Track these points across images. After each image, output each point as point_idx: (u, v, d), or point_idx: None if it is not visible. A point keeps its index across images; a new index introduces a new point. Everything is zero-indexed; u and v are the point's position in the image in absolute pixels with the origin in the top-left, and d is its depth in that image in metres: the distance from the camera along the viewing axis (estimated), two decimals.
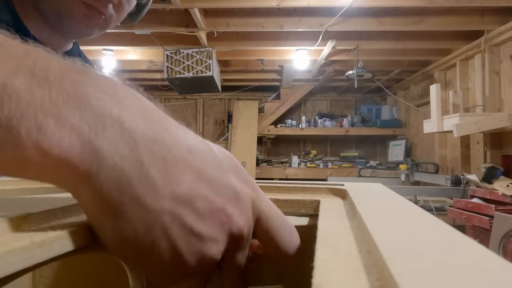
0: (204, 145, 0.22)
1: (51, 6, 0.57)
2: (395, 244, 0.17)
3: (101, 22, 0.59)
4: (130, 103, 0.19)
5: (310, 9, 2.74)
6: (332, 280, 0.14)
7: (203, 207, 0.19)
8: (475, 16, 2.74)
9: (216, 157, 0.21)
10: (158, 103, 0.23)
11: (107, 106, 0.18)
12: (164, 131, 0.20)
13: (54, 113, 0.17)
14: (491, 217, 2.01)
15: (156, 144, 0.19)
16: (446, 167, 3.55)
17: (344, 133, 4.84)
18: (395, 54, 3.60)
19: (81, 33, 0.61)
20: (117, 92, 0.19)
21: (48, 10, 0.57)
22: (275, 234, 0.23)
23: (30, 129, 0.17)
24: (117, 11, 0.60)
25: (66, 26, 0.59)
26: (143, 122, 0.19)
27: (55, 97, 0.17)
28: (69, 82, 0.18)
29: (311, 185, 0.41)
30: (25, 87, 0.17)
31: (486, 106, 2.85)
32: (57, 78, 0.18)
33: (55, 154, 0.17)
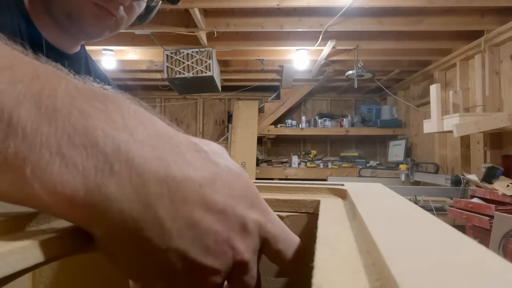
0: (216, 168, 0.21)
1: (61, 7, 0.56)
2: (395, 244, 0.17)
3: (112, 23, 0.59)
4: (140, 133, 0.19)
5: (310, 9, 2.74)
6: (332, 280, 0.14)
7: (209, 241, 0.19)
8: (475, 16, 2.74)
9: (228, 182, 0.21)
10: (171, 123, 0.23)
11: (115, 142, 0.18)
12: (175, 164, 0.19)
13: (60, 153, 0.17)
14: (491, 217, 2.01)
15: (165, 184, 0.18)
16: (446, 167, 3.55)
17: (344, 133, 4.84)
18: (395, 54, 3.60)
19: (92, 35, 0.61)
20: (127, 123, 0.18)
21: (59, 12, 0.57)
22: (283, 254, 0.23)
23: (35, 168, 0.16)
24: (128, 13, 0.59)
25: (77, 27, 0.58)
26: (153, 155, 0.18)
27: (61, 134, 0.17)
28: (76, 115, 0.17)
29: (311, 185, 0.41)
30: (31, 120, 0.16)
31: (486, 106, 2.85)
32: (65, 108, 0.17)
33: (61, 195, 0.17)
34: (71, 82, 0.18)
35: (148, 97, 5.47)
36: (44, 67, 0.18)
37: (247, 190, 0.22)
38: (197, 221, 0.19)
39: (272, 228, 0.23)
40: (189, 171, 0.19)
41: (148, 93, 5.39)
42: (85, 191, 0.17)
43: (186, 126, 5.53)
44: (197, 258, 0.19)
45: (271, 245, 0.23)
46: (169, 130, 0.21)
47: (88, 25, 0.58)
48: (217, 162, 0.21)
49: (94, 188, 0.17)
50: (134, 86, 4.96)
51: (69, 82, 0.18)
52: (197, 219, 0.19)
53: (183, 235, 0.19)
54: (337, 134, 4.89)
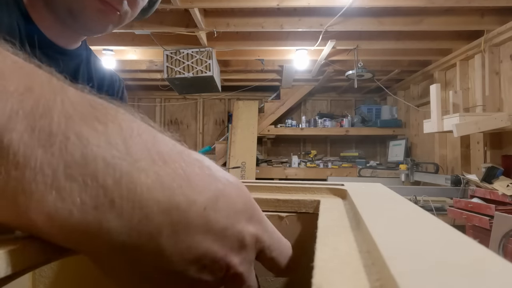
0: (219, 184, 0.20)
1: (62, 3, 0.55)
2: (395, 244, 0.17)
3: (116, 18, 0.57)
4: (144, 160, 0.17)
5: (310, 9, 2.74)
6: (332, 280, 0.14)
7: (206, 260, 0.20)
8: (475, 16, 2.74)
9: (229, 197, 0.21)
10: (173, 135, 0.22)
11: (117, 173, 0.16)
12: (180, 189, 0.18)
13: (56, 184, 0.15)
14: (491, 217, 2.01)
15: (169, 214, 0.18)
16: (446, 167, 3.55)
17: (344, 133, 4.84)
18: (395, 54, 3.60)
19: (95, 30, 0.59)
20: (129, 149, 0.17)
21: (60, 8, 0.55)
22: (277, 262, 0.24)
23: (29, 198, 0.15)
24: (131, 7, 0.58)
25: (80, 23, 0.57)
26: (157, 183, 0.17)
27: (57, 162, 0.15)
28: (74, 140, 0.16)
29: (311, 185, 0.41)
30: (24, 145, 0.15)
31: (486, 106, 2.85)
32: (61, 132, 0.16)
33: (57, 226, 0.16)
34: (68, 96, 0.17)
35: (148, 97, 5.47)
36: (37, 75, 0.17)
37: (246, 203, 0.22)
38: (198, 244, 0.19)
39: (267, 238, 0.23)
40: (193, 195, 0.19)
41: (148, 93, 5.39)
42: (83, 225, 0.16)
43: (186, 126, 5.53)
44: (193, 275, 0.19)
45: (266, 254, 0.23)
46: (172, 150, 0.19)
47: (91, 20, 0.56)
48: (219, 177, 0.21)
49: (93, 222, 0.16)
50: (134, 86, 4.96)
51: (65, 96, 0.17)
52: (198, 242, 0.19)
53: (182, 259, 0.19)
54: (337, 134, 4.89)
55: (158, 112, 5.50)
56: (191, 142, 5.50)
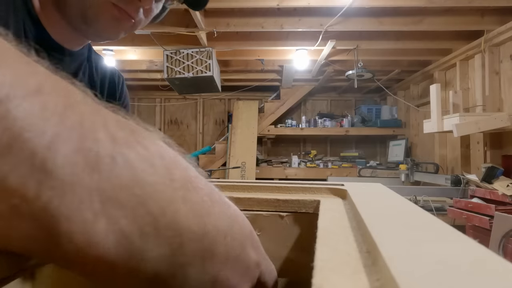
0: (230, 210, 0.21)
1: (76, 8, 0.53)
2: (395, 244, 0.17)
3: (130, 25, 0.56)
4: (181, 188, 0.17)
5: (310, 9, 2.74)
6: (332, 280, 0.14)
7: (219, 286, 0.20)
8: (475, 16, 2.74)
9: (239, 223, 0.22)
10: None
11: (163, 201, 0.16)
12: (208, 217, 0.18)
13: (103, 212, 0.14)
14: (491, 217, 2.01)
15: (200, 243, 0.18)
16: (446, 167, 3.55)
17: (344, 133, 4.84)
18: (395, 54, 3.60)
19: (107, 37, 0.58)
20: (172, 175, 0.17)
21: (73, 13, 0.54)
22: (266, 284, 0.26)
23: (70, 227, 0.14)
24: (146, 15, 0.57)
25: (93, 29, 0.55)
26: (191, 212, 0.17)
27: (104, 188, 0.14)
28: (121, 164, 0.15)
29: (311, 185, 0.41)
30: (70, 169, 0.14)
31: (486, 106, 2.85)
32: (108, 155, 0.15)
33: (94, 257, 0.15)
34: (108, 118, 0.16)
35: (148, 97, 5.47)
36: (74, 92, 0.16)
37: (251, 228, 0.24)
38: (217, 273, 0.19)
39: (264, 264, 0.25)
40: (217, 222, 0.19)
41: (148, 93, 5.39)
42: (126, 256, 0.15)
43: (186, 126, 5.53)
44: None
45: (260, 279, 0.25)
46: (197, 177, 0.20)
47: (105, 27, 0.55)
48: (228, 202, 0.22)
49: (136, 253, 0.15)
50: (134, 86, 4.96)
51: (106, 117, 0.16)
52: (219, 270, 0.19)
53: (200, 285, 0.19)
54: (337, 134, 4.89)
55: (158, 112, 5.50)
56: (191, 142, 5.50)
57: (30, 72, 0.14)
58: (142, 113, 5.54)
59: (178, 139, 5.49)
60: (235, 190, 0.42)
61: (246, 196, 0.39)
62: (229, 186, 0.43)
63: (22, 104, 0.13)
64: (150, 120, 5.51)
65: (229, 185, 0.43)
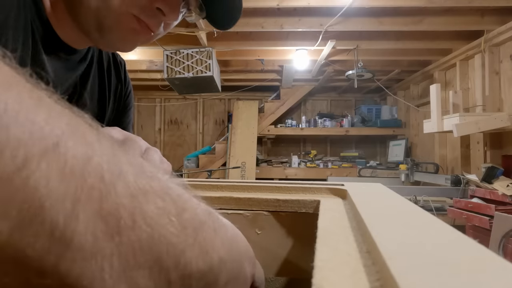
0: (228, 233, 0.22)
1: (91, 17, 0.49)
2: (395, 244, 0.17)
3: (146, 38, 0.53)
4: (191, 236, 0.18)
5: (310, 9, 2.74)
6: (332, 280, 0.15)
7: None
8: (475, 16, 2.74)
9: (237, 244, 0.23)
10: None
11: (176, 254, 0.16)
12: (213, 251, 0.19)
13: (123, 275, 0.14)
14: (491, 217, 2.01)
15: (206, 277, 0.18)
16: (446, 167, 3.55)
17: (344, 133, 4.84)
18: (395, 54, 3.60)
19: (120, 48, 0.55)
20: (182, 224, 0.17)
21: (89, 22, 0.50)
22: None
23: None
24: (165, 28, 0.55)
25: (106, 39, 0.52)
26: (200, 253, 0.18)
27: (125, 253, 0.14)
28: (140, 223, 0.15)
29: (311, 185, 0.41)
30: (91, 237, 0.13)
31: (486, 106, 2.85)
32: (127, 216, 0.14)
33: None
34: (127, 169, 0.16)
35: (148, 97, 5.47)
36: (90, 134, 0.15)
37: (248, 249, 0.24)
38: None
39: (257, 273, 0.26)
40: (220, 253, 0.19)
41: (148, 93, 5.39)
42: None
43: (186, 126, 5.53)
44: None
45: (254, 285, 0.26)
46: (202, 211, 0.20)
47: (120, 39, 0.52)
48: (226, 224, 0.22)
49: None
50: (134, 86, 4.95)
51: (125, 162, 0.16)
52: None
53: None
54: (337, 134, 4.89)
55: (158, 112, 5.50)
56: (191, 142, 5.50)
57: (45, 119, 0.13)
58: (142, 113, 5.54)
59: (178, 139, 5.49)
60: (235, 190, 0.42)
61: (246, 196, 0.39)
62: (229, 186, 0.43)
63: (41, 167, 0.12)
64: (150, 120, 5.51)
65: (229, 185, 0.43)
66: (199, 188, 0.43)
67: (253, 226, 0.39)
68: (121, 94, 0.74)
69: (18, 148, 0.12)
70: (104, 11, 0.48)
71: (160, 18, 0.50)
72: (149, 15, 0.49)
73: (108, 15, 0.48)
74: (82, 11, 0.49)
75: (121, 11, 0.48)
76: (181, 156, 5.07)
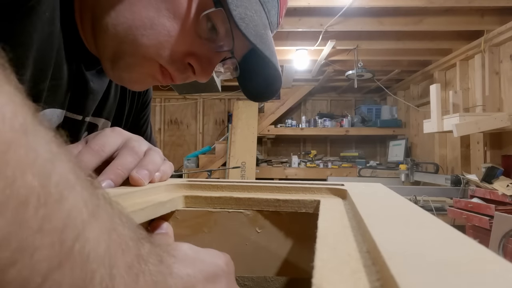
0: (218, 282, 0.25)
1: (111, 48, 0.44)
2: (395, 244, 0.17)
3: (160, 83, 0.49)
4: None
5: (310, 9, 2.74)
6: (332, 280, 0.15)
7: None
8: (475, 16, 2.74)
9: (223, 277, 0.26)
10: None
11: None
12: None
13: None
14: (491, 217, 2.01)
15: None
16: (446, 167, 3.55)
17: (344, 133, 4.84)
18: (395, 54, 3.60)
19: (130, 86, 0.50)
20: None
21: (105, 49, 0.45)
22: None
23: None
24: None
25: (118, 74, 0.47)
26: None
27: None
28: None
29: (311, 185, 0.41)
30: None
31: (486, 106, 2.85)
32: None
33: None
34: (141, 251, 0.18)
35: None
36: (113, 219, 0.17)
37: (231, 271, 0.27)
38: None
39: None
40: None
41: None
42: None
43: (186, 126, 5.53)
44: None
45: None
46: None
47: (134, 80, 0.47)
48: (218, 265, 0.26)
49: None
50: None
51: (142, 252, 0.18)
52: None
53: None
54: (337, 134, 4.89)
55: (158, 112, 5.50)
56: (191, 142, 5.50)
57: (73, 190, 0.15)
58: None
59: (178, 139, 5.49)
60: (235, 190, 0.42)
61: (246, 196, 0.39)
62: (229, 186, 0.43)
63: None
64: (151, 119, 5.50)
65: (229, 185, 0.43)
66: (199, 188, 0.43)
67: (253, 225, 0.39)
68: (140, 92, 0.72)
69: None
70: (130, 47, 0.43)
71: (188, 75, 0.47)
72: (178, 69, 0.46)
73: (132, 54, 0.44)
74: (103, 37, 0.44)
75: (147, 56, 0.44)
76: (181, 156, 5.07)
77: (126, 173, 0.37)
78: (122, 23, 0.42)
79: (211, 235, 0.39)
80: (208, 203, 0.39)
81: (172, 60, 0.45)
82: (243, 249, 0.38)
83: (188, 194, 0.40)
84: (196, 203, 0.39)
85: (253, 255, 0.38)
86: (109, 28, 0.43)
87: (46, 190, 0.13)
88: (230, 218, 0.39)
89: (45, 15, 0.39)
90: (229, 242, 0.39)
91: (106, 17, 0.43)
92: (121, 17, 0.42)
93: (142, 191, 0.35)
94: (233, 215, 0.39)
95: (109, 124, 0.63)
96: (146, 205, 0.31)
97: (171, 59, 0.45)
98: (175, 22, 0.43)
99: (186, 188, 0.43)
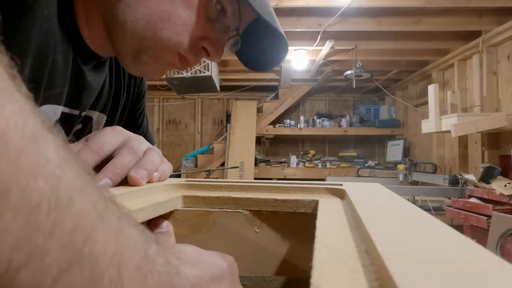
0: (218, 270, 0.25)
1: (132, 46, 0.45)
2: (394, 244, 0.17)
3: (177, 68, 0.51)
4: None
5: (309, 9, 2.74)
6: (331, 280, 0.15)
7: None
8: (473, 16, 2.75)
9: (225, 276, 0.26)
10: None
11: None
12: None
13: None
14: (489, 216, 2.02)
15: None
16: (444, 167, 3.56)
17: (342, 133, 4.84)
18: (394, 54, 3.60)
19: (150, 76, 0.52)
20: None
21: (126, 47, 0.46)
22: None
23: None
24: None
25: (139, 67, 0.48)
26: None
27: None
28: None
29: (309, 185, 0.41)
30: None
31: (484, 106, 2.85)
32: None
33: None
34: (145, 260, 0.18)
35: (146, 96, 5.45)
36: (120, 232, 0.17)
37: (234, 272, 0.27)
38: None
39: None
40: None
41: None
42: None
43: (184, 126, 5.52)
44: None
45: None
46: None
47: (155, 70, 0.50)
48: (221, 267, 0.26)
49: None
50: None
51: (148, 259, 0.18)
52: None
53: None
54: (335, 134, 4.90)
55: (157, 111, 5.50)
56: (189, 142, 5.49)
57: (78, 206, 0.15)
58: None
59: (177, 139, 5.49)
60: (234, 190, 0.42)
61: (244, 196, 0.39)
62: (227, 186, 0.43)
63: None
64: (149, 120, 5.48)
65: (227, 185, 0.43)
66: (197, 188, 0.43)
67: (252, 225, 0.39)
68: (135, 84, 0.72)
69: None
70: (150, 42, 0.45)
71: (203, 56, 0.50)
72: (194, 54, 0.48)
73: (153, 47, 0.45)
74: (122, 34, 0.45)
75: (168, 47, 0.46)
76: (180, 156, 5.06)
77: (125, 172, 0.37)
78: (140, 19, 0.44)
79: (210, 235, 0.39)
80: (207, 203, 0.39)
81: (190, 47, 0.47)
82: (241, 249, 0.39)
83: (186, 194, 0.40)
84: (194, 203, 0.39)
85: (251, 255, 0.38)
86: (127, 25, 0.44)
87: (56, 194, 0.14)
88: (229, 218, 0.39)
89: (43, 12, 0.40)
90: (228, 242, 0.39)
91: (122, 15, 0.44)
92: (137, 13, 0.44)
93: (140, 191, 0.35)
94: (232, 215, 0.39)
95: (104, 117, 0.63)
96: (144, 205, 0.31)
97: (189, 46, 0.47)
98: (189, 11, 0.45)
99: (185, 188, 0.43)
